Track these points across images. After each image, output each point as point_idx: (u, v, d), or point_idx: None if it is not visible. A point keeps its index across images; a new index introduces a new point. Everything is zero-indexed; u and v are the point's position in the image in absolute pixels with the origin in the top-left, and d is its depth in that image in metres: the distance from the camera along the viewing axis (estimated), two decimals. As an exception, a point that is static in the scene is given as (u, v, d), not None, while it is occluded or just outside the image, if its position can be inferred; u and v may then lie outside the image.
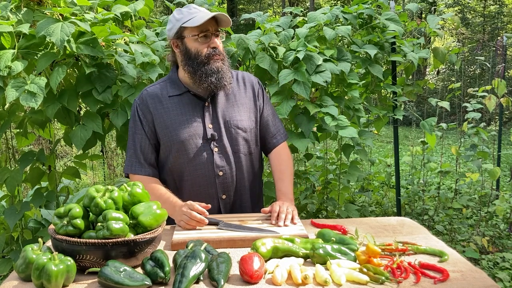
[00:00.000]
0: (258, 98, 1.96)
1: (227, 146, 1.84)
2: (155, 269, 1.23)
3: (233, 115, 1.87)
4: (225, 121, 1.86)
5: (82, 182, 5.70)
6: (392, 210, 4.19)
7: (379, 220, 1.80)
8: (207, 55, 1.79)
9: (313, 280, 1.24)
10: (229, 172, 1.85)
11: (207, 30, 1.78)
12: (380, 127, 3.16)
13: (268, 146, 2.00)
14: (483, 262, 3.31)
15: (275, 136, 2.00)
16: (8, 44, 2.10)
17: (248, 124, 1.89)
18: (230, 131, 1.85)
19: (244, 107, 1.91)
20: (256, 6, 22.07)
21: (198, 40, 1.78)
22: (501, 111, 5.10)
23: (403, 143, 9.36)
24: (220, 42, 1.83)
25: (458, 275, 1.27)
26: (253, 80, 1.99)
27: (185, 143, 1.81)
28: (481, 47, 10.84)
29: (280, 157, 1.99)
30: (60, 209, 1.32)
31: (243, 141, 1.88)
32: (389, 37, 2.86)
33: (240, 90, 1.94)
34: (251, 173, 1.94)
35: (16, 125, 2.57)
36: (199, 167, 1.82)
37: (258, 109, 1.95)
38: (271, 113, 2.01)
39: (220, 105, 1.88)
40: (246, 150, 1.89)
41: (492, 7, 17.61)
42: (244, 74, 2.00)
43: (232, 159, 1.85)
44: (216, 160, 1.83)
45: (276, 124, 2.02)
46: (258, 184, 2.01)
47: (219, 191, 1.85)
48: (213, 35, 1.80)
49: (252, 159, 1.93)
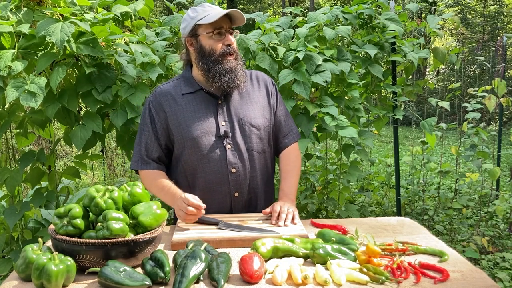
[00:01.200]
0: (271, 97, 1.96)
1: (241, 143, 1.84)
2: (155, 269, 1.23)
3: (247, 113, 1.87)
4: (239, 119, 1.86)
5: (82, 182, 5.70)
6: (392, 210, 4.19)
7: (379, 220, 1.80)
8: (222, 53, 1.80)
9: (313, 280, 1.24)
10: (242, 169, 1.85)
11: (221, 27, 1.79)
12: (380, 127, 3.16)
13: (280, 146, 2.00)
14: (483, 262, 3.31)
15: (287, 136, 2.00)
16: (8, 44, 2.10)
17: (262, 122, 1.89)
18: (244, 128, 1.86)
19: (258, 105, 1.91)
20: (256, 6, 22.07)
21: (212, 37, 1.79)
22: (501, 111, 5.10)
23: (403, 143, 9.36)
24: (234, 40, 1.84)
25: (458, 275, 1.27)
26: (267, 79, 2.00)
27: (197, 140, 1.81)
28: (481, 47, 10.84)
29: (289, 157, 1.99)
30: (60, 209, 1.32)
31: (257, 139, 1.88)
32: (389, 37, 2.86)
33: (254, 89, 1.94)
34: (265, 172, 1.94)
35: (16, 125, 2.57)
36: (212, 164, 1.83)
37: (271, 108, 1.95)
38: (284, 113, 2.01)
39: (234, 103, 1.88)
40: (259, 148, 1.89)
41: (492, 7, 17.61)
42: (258, 73, 2.00)
43: (245, 156, 1.85)
44: (229, 157, 1.83)
45: (288, 124, 2.01)
46: (271, 184, 2.00)
47: (232, 188, 1.85)
48: (227, 32, 1.80)
49: (266, 158, 1.93)
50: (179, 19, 2.63)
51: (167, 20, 2.68)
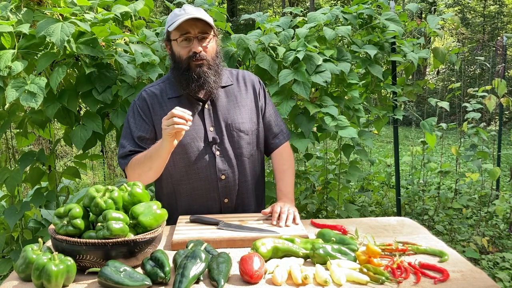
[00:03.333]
0: (259, 99, 1.93)
1: (229, 149, 1.82)
2: (155, 269, 1.23)
3: (234, 117, 1.84)
4: (227, 124, 1.83)
5: (82, 182, 5.69)
6: (392, 210, 4.19)
7: (379, 220, 1.80)
8: (187, 60, 1.73)
9: (313, 280, 1.24)
10: (232, 175, 1.83)
11: (188, 33, 1.71)
12: (380, 127, 3.16)
13: (271, 147, 1.98)
14: (483, 262, 3.31)
15: (278, 136, 1.98)
16: (8, 44, 2.10)
17: (249, 126, 1.87)
18: (232, 134, 1.83)
19: (245, 108, 1.88)
20: (256, 6, 22.06)
21: (180, 43, 1.74)
22: (501, 111, 5.10)
23: (403, 143, 9.37)
24: (208, 45, 1.75)
25: (458, 275, 1.27)
26: (254, 79, 1.96)
27: (186, 147, 1.79)
28: (481, 47, 10.84)
29: (282, 156, 1.97)
30: (60, 209, 1.32)
31: (246, 144, 1.86)
32: (389, 37, 2.86)
33: (241, 91, 1.91)
34: (255, 176, 1.92)
35: (16, 125, 2.57)
36: (201, 171, 1.81)
37: (259, 110, 1.92)
38: (273, 113, 1.98)
39: (221, 107, 1.85)
40: (248, 152, 1.87)
41: (492, 7, 17.61)
42: (244, 74, 1.96)
43: (234, 162, 1.83)
44: (218, 164, 1.81)
45: (278, 123, 1.99)
46: (261, 186, 1.99)
47: (221, 195, 1.83)
48: (195, 38, 1.72)
49: (254, 161, 1.91)
50: (179, 19, 2.63)
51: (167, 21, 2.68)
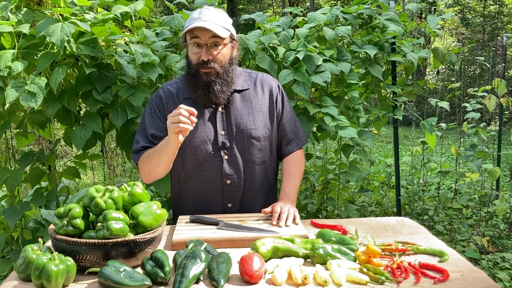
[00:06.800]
0: (276, 105, 1.89)
1: (238, 155, 1.81)
2: (155, 269, 1.23)
3: (247, 123, 1.83)
4: (239, 129, 1.82)
5: (82, 182, 5.70)
6: (392, 210, 4.19)
7: (379, 220, 1.80)
8: (196, 66, 1.74)
9: (313, 280, 1.24)
10: (237, 181, 1.82)
11: (197, 37, 1.70)
12: (380, 127, 3.16)
13: (283, 152, 1.96)
14: (483, 262, 3.31)
15: (291, 143, 1.95)
16: (8, 44, 2.10)
17: (262, 133, 1.84)
18: (243, 140, 1.82)
19: (259, 114, 1.85)
20: (256, 6, 22.06)
21: (191, 48, 1.74)
22: (501, 111, 5.11)
23: (403, 143, 9.37)
24: (219, 53, 1.73)
25: (458, 275, 1.27)
26: (273, 84, 1.92)
27: (196, 149, 1.79)
28: (481, 47, 10.84)
29: (292, 160, 1.96)
30: (60, 209, 1.32)
31: (256, 151, 1.84)
32: (389, 37, 2.86)
33: (257, 96, 1.88)
34: (266, 182, 1.91)
35: (16, 125, 2.57)
36: (207, 173, 1.81)
37: (276, 116, 1.89)
38: (290, 119, 1.94)
39: (234, 112, 1.83)
40: (259, 159, 1.85)
41: (492, 7, 17.61)
42: (263, 78, 1.92)
43: (242, 168, 1.82)
44: (225, 168, 1.80)
45: (294, 130, 1.96)
46: (273, 190, 1.97)
47: (225, 199, 1.83)
48: (205, 45, 1.71)
49: (267, 167, 1.89)
50: (179, 19, 2.63)
51: (167, 20, 2.68)
